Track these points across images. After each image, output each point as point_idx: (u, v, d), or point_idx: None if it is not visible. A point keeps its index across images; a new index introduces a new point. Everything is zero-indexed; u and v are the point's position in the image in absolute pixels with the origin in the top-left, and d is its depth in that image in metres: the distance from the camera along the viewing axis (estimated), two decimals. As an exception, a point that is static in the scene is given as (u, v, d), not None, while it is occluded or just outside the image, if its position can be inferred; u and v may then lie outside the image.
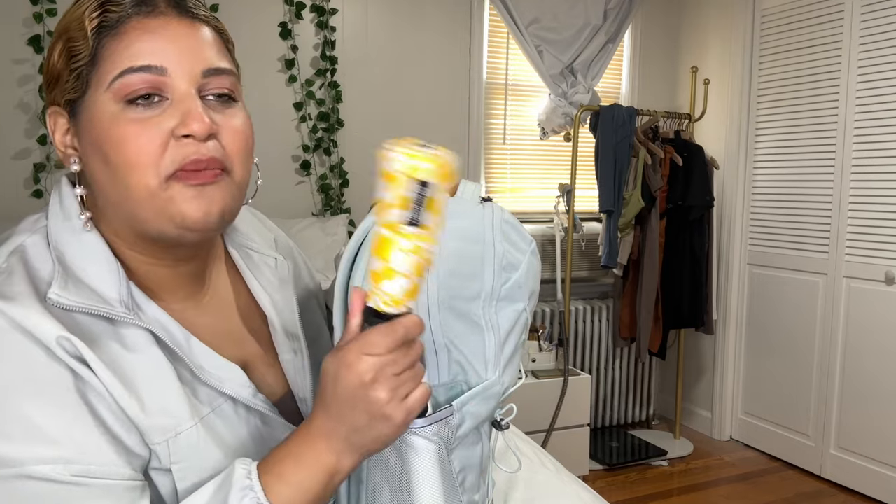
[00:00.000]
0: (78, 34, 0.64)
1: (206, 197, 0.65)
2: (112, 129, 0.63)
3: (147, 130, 0.62)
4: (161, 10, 0.65)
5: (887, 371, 2.74)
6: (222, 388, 0.69)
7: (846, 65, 2.87)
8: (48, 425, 0.58)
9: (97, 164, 0.65)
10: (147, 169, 0.62)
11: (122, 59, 0.63)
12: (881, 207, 2.75)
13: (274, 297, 0.81)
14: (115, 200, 0.65)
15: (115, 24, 0.64)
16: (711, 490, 2.89)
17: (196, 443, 0.65)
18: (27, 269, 0.63)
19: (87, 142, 0.65)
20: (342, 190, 2.96)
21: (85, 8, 0.65)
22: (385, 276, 0.59)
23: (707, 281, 3.20)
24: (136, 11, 0.64)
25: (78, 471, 0.58)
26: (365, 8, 2.97)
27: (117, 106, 0.63)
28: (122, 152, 0.62)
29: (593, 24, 3.32)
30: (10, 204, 2.43)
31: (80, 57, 0.64)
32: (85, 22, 0.64)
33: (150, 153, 0.62)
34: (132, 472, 0.61)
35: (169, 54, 0.63)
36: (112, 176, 0.64)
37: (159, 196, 0.63)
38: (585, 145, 3.24)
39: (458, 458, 0.72)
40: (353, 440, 0.61)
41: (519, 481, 1.30)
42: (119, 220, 0.67)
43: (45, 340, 0.59)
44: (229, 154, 0.67)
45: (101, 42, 0.64)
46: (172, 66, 0.63)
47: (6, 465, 0.57)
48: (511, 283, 0.75)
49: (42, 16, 2.40)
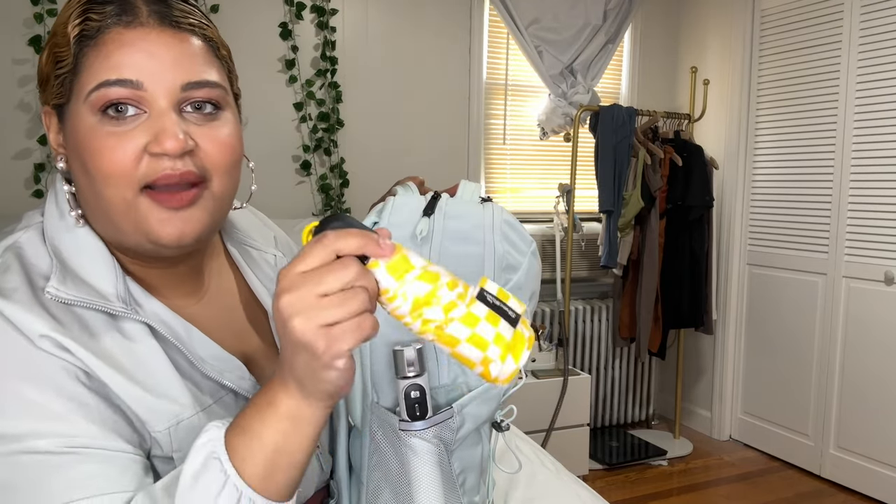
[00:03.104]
0: (62, 40, 0.64)
1: (181, 219, 0.64)
2: (90, 139, 0.63)
3: (122, 144, 0.62)
4: (142, 21, 0.63)
5: (887, 371, 2.74)
6: (222, 380, 0.70)
7: (846, 65, 2.87)
8: (45, 402, 0.59)
9: (78, 170, 0.66)
10: (120, 180, 0.62)
11: (100, 70, 0.62)
12: (881, 207, 2.75)
13: (273, 292, 0.82)
14: (94, 207, 0.66)
15: (94, 33, 0.63)
16: (711, 490, 2.89)
17: (198, 432, 0.66)
18: (22, 265, 0.64)
19: (70, 147, 0.66)
20: (342, 190, 2.97)
21: (70, 13, 0.64)
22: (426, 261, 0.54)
23: (707, 281, 3.21)
24: (116, 21, 0.63)
25: (77, 443, 0.59)
26: (365, 8, 2.97)
27: (94, 117, 0.63)
28: (97, 163, 0.62)
29: (593, 24, 3.32)
30: (11, 204, 2.43)
31: (63, 64, 0.64)
32: (68, 28, 0.64)
33: (123, 166, 0.62)
34: (133, 448, 0.62)
35: (146, 68, 0.62)
36: (90, 184, 0.64)
37: (133, 210, 0.63)
38: (585, 145, 3.24)
39: (459, 459, 0.72)
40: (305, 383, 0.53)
41: (519, 481, 1.30)
42: (98, 225, 0.68)
43: (28, 335, 0.60)
44: (209, 167, 0.66)
45: (82, 51, 0.63)
46: (149, 80, 0.62)
47: (5, 440, 0.57)
48: (511, 284, 0.75)
49: (42, 16, 2.40)
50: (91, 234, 0.68)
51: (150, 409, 0.63)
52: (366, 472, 0.72)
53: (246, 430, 0.55)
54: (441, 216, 0.76)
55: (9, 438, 0.57)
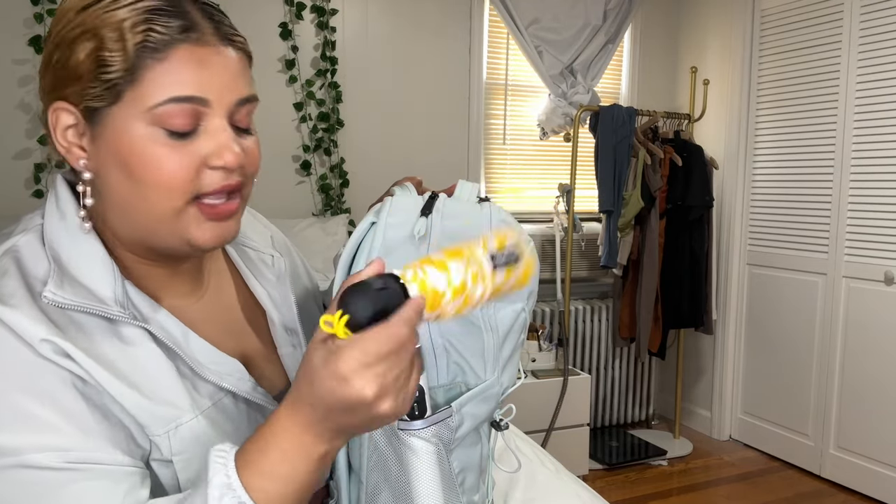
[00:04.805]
0: (114, 44, 0.61)
1: (223, 227, 0.68)
2: (143, 148, 0.62)
3: (181, 156, 0.63)
4: (207, 39, 0.64)
5: (887, 371, 2.74)
6: (221, 383, 0.70)
7: (846, 65, 2.87)
8: (42, 414, 0.58)
9: (116, 175, 0.64)
10: (175, 192, 0.64)
11: (167, 85, 0.62)
12: (880, 207, 2.75)
13: (272, 293, 0.83)
14: (129, 212, 0.66)
15: (161, 46, 0.62)
16: (711, 490, 2.89)
17: (197, 435, 0.66)
18: (20, 269, 0.64)
19: (106, 151, 0.64)
20: (342, 190, 2.97)
21: (123, 18, 0.62)
22: (437, 266, 0.57)
23: (706, 281, 3.21)
24: (184, 38, 0.63)
25: (74, 457, 0.59)
26: (365, 8, 2.97)
27: (151, 128, 0.62)
28: (152, 172, 0.63)
29: (593, 24, 3.32)
30: (11, 204, 2.43)
31: (113, 69, 0.62)
32: (125, 34, 0.61)
33: (182, 178, 0.63)
34: (130, 460, 0.62)
35: (212, 85, 0.64)
36: (134, 191, 0.64)
37: (179, 218, 0.65)
38: (585, 145, 3.24)
39: (458, 458, 0.72)
40: (345, 430, 0.58)
41: (519, 481, 1.30)
42: (124, 226, 0.68)
43: (29, 341, 0.60)
44: (245, 176, 0.69)
45: (144, 62, 0.62)
46: (214, 97, 0.64)
47: (3, 454, 0.57)
48: None
49: (42, 16, 2.40)
50: (92, 238, 0.67)
51: (148, 413, 0.63)
52: (365, 471, 0.72)
53: (273, 476, 0.57)
54: (439, 216, 0.76)
55: (7, 452, 0.57)
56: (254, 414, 0.72)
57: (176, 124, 0.62)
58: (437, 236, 0.74)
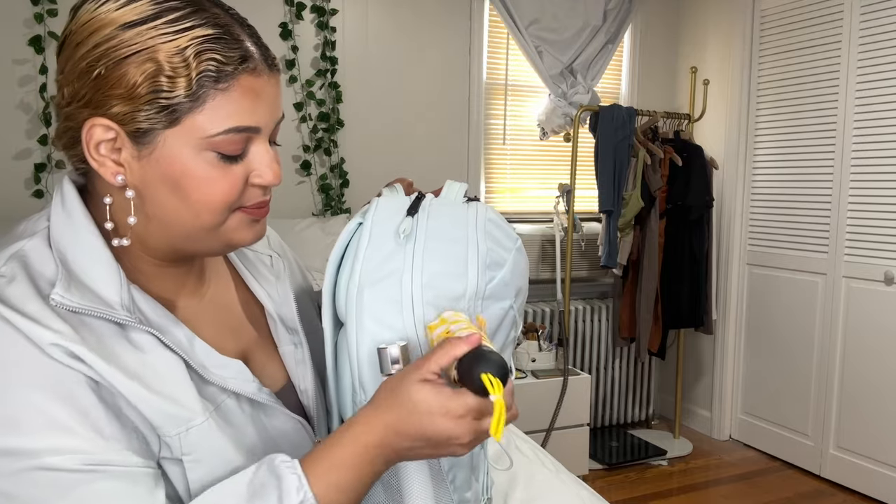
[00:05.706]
0: (178, 70, 0.62)
1: (260, 226, 0.73)
2: (197, 170, 0.65)
3: (228, 176, 0.66)
4: (261, 70, 0.67)
5: (886, 371, 2.74)
6: (226, 386, 0.71)
7: (846, 65, 2.87)
8: (60, 417, 0.59)
9: (164, 193, 0.66)
10: (223, 208, 0.67)
11: (228, 115, 0.64)
12: (880, 207, 2.75)
13: (271, 292, 0.85)
14: (173, 225, 0.68)
15: (224, 77, 0.63)
16: (711, 490, 2.89)
17: (206, 436, 0.67)
18: (28, 273, 0.64)
19: (155, 170, 0.65)
20: (342, 190, 2.97)
21: (184, 45, 0.62)
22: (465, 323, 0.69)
23: (706, 281, 3.21)
24: (244, 69, 0.65)
25: (92, 460, 0.59)
26: (365, 8, 2.98)
27: (206, 152, 0.65)
28: (205, 193, 0.66)
29: (593, 24, 3.32)
30: (11, 204, 2.43)
31: (174, 95, 0.62)
32: (189, 60, 0.62)
33: (231, 197, 0.67)
34: (144, 461, 0.63)
35: (264, 114, 0.67)
36: (182, 207, 0.66)
37: (221, 225, 0.69)
38: (585, 145, 3.24)
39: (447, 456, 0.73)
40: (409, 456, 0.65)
41: (519, 481, 1.31)
42: (161, 237, 0.69)
43: (40, 345, 0.60)
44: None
45: (206, 91, 0.63)
46: (264, 124, 0.68)
47: (22, 457, 0.58)
48: (496, 281, 0.76)
49: (43, 16, 2.41)
50: (99, 240, 0.67)
51: (162, 414, 0.64)
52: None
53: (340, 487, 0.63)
54: (425, 216, 0.77)
55: (25, 454, 0.58)
56: (257, 414, 0.73)
57: (230, 150, 0.65)
58: (422, 236, 0.75)
